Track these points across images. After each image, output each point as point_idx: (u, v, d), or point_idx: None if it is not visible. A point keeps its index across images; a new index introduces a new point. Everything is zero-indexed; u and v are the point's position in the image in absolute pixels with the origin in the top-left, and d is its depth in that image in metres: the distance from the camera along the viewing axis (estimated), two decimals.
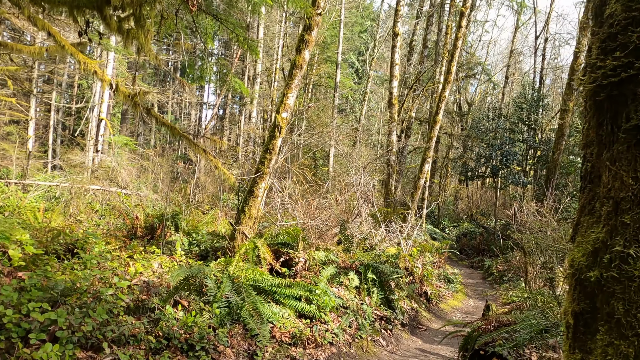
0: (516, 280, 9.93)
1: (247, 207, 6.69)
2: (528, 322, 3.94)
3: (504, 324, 4.42)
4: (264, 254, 6.34)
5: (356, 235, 8.14)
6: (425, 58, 20.01)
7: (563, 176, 13.66)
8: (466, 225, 16.92)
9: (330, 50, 27.50)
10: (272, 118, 21.53)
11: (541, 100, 14.97)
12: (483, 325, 4.61)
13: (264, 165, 6.74)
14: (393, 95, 14.45)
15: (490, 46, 31.05)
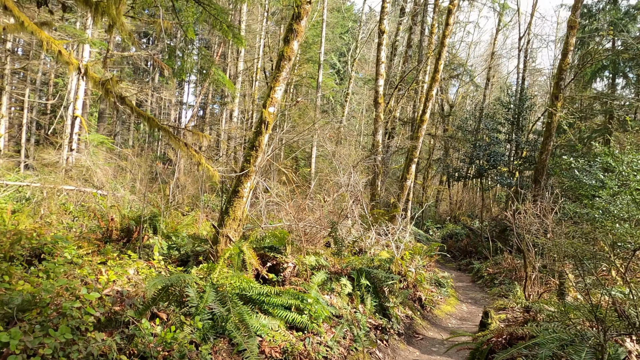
0: (508, 283, 9.72)
1: (231, 208, 6.23)
2: (550, 336, 3.60)
3: (518, 338, 4.08)
4: (249, 259, 5.90)
5: (347, 237, 7.76)
6: (409, 58, 19.85)
7: (550, 177, 13.60)
8: (451, 226, 16.76)
9: (313, 50, 27.19)
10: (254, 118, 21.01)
11: (527, 101, 14.92)
12: (493, 338, 4.27)
13: (250, 163, 6.30)
14: (379, 94, 14.17)
15: (472, 48, 31.20)
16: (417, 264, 7.80)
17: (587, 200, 9.88)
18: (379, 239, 8.34)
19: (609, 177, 8.87)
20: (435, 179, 30.63)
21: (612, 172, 9.19)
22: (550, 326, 3.88)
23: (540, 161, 13.05)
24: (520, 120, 14.90)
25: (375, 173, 13.38)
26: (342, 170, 8.97)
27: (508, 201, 16.72)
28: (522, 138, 15.03)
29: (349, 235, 8.34)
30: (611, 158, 9.05)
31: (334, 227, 6.72)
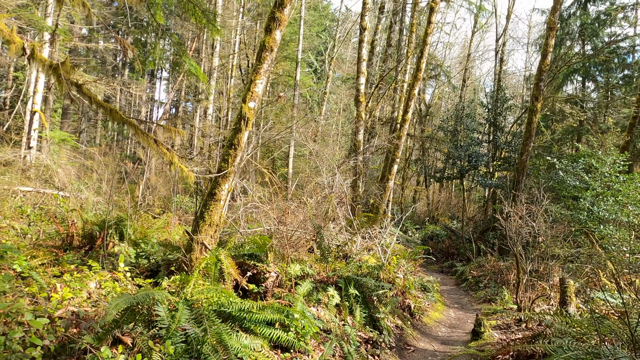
0: (493, 287, 9.49)
1: (207, 213, 5.66)
2: (567, 355, 3.24)
3: (527, 357, 3.72)
4: (228, 269, 5.36)
5: (332, 242, 7.31)
6: (388, 57, 19.60)
7: (529, 178, 13.54)
8: (431, 227, 16.57)
9: (290, 47, 26.71)
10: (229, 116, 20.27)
11: (506, 102, 14.87)
12: (499, 356, 3.89)
13: (228, 163, 5.75)
14: (360, 93, 13.79)
15: (449, 49, 31.37)
16: (404, 269, 7.42)
17: (570, 201, 9.78)
18: (365, 244, 7.92)
19: (593, 178, 8.76)
20: (413, 180, 30.66)
21: (594, 173, 9.10)
22: (564, 343, 3.53)
23: (520, 162, 12.96)
24: (499, 120, 14.83)
25: (356, 174, 12.99)
26: (325, 171, 8.51)
27: (488, 202, 16.67)
28: (502, 139, 14.96)
29: (333, 239, 7.89)
30: (594, 159, 8.95)
31: (319, 232, 6.25)
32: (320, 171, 8.57)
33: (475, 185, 17.34)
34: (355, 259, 7.02)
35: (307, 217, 7.17)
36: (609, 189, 8.59)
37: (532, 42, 30.20)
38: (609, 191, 8.49)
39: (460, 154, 14.33)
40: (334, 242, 7.56)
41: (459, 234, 14.56)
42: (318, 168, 9.20)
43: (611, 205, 8.23)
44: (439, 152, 21.48)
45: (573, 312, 4.94)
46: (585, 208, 8.35)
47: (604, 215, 8.18)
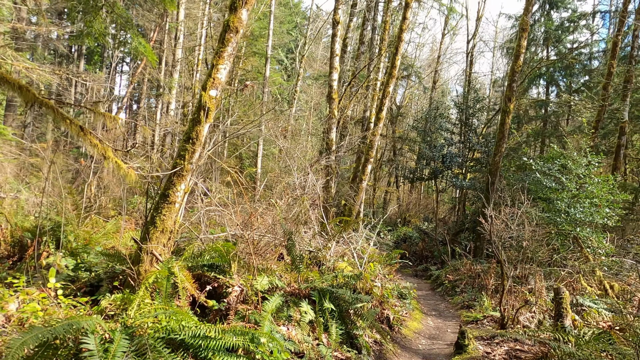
0: (470, 291, 9.09)
1: (158, 218, 4.87)
2: None
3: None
4: (182, 283, 4.60)
5: (304, 248, 6.64)
6: (361, 55, 19.14)
7: (502, 179, 13.34)
8: (404, 229, 16.19)
9: (259, 42, 25.90)
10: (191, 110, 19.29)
11: (478, 102, 14.67)
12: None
13: (184, 159, 4.98)
14: (333, 89, 13.20)
15: (420, 50, 31.38)
16: (381, 276, 6.85)
17: (545, 203, 9.53)
18: (340, 250, 7.30)
19: (570, 179, 8.51)
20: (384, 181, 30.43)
21: (569, 174, 8.86)
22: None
23: (493, 163, 12.73)
24: (472, 121, 14.62)
25: (328, 174, 12.39)
26: (296, 170, 7.83)
27: (460, 203, 16.47)
28: (474, 139, 14.75)
29: (305, 245, 7.23)
30: (569, 160, 8.71)
31: (290, 239, 5.56)
32: (291, 170, 7.88)
33: (448, 187, 17.11)
34: (329, 266, 6.38)
35: (276, 220, 6.48)
36: (584, 191, 8.37)
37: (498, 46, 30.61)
38: (584, 193, 8.26)
39: (434, 154, 13.99)
40: (306, 248, 6.90)
41: (432, 236, 14.22)
42: (288, 167, 8.50)
43: (587, 207, 8.00)
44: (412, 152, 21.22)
45: (569, 326, 4.50)
46: (562, 210, 8.08)
47: (580, 218, 7.93)
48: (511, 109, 12.58)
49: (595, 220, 7.88)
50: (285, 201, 6.96)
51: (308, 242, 7.10)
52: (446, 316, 8.04)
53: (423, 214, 22.07)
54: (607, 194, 8.17)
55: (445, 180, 15.74)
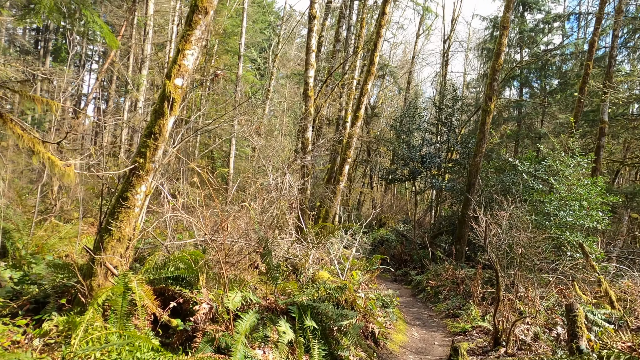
0: (454, 298, 8.73)
1: (115, 224, 4.22)
2: None
3: None
4: (142, 300, 3.97)
5: (281, 255, 6.08)
6: (336, 53, 18.72)
7: (483, 181, 13.13)
8: (382, 231, 15.81)
9: (232, 40, 25.16)
10: None
11: (457, 102, 14.46)
12: None
13: (145, 157, 4.34)
14: (309, 86, 12.68)
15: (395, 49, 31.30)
16: (364, 285, 6.36)
17: (530, 206, 9.30)
18: (320, 257, 6.77)
19: (559, 180, 8.27)
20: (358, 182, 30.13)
21: (558, 175, 8.64)
22: None
23: (474, 163, 12.49)
24: (451, 121, 14.39)
25: (304, 175, 11.85)
26: (271, 170, 7.25)
27: (439, 204, 16.25)
28: (452, 139, 14.51)
29: (282, 252, 6.66)
30: (558, 161, 8.49)
31: (266, 247, 4.99)
32: (266, 170, 7.28)
33: (426, 188, 16.85)
34: (309, 276, 5.84)
35: (250, 225, 5.89)
36: (573, 193, 8.15)
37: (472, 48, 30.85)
38: (572, 195, 8.04)
39: (412, 154, 13.66)
40: (284, 255, 6.33)
41: (410, 239, 13.88)
42: (262, 168, 7.88)
43: (578, 210, 7.78)
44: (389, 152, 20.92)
45: (586, 348, 4.12)
46: (552, 213, 7.83)
47: (570, 221, 7.70)
48: (492, 108, 12.38)
49: (585, 223, 7.66)
50: (260, 203, 6.38)
51: (286, 250, 6.54)
52: (431, 326, 7.63)
53: (399, 215, 21.81)
54: (596, 197, 7.98)
55: (424, 182, 15.45)
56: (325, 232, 6.23)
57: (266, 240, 5.00)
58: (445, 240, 13.72)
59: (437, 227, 13.96)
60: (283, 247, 6.69)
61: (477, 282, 8.07)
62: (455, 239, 12.51)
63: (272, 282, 4.93)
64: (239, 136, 18.61)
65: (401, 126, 14.59)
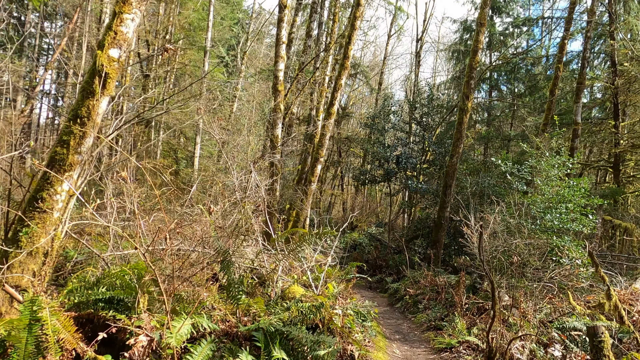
0: (435, 307, 8.09)
1: (25, 233, 3.25)
2: None
3: None
4: (57, 333, 3.02)
5: (245, 265, 5.21)
6: (308, 48, 17.97)
7: (458, 183, 12.65)
8: (354, 235, 15.12)
9: (198, 35, 24.02)
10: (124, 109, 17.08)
11: (432, 101, 13.99)
12: None
13: (69, 147, 3.40)
14: (279, 80, 11.84)
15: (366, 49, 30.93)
16: (341, 300, 5.59)
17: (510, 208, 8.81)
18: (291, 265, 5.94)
19: (544, 181, 7.79)
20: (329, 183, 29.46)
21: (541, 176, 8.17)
22: None
23: (450, 165, 11.99)
24: (427, 120, 13.89)
25: (273, 175, 10.99)
26: (235, 169, 6.35)
27: (414, 206, 15.72)
28: (428, 139, 14.00)
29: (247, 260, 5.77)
30: (543, 161, 8.02)
31: (226, 259, 4.11)
32: (230, 169, 6.36)
33: (401, 190, 16.31)
34: (277, 292, 5.00)
35: (207, 232, 4.99)
36: (557, 195, 7.70)
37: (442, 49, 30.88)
38: (557, 197, 7.58)
39: (388, 154, 13.04)
40: (249, 265, 5.46)
41: (385, 243, 13.24)
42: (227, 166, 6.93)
43: (565, 213, 7.31)
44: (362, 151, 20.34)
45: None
46: (538, 216, 7.33)
47: (557, 225, 7.22)
48: (469, 106, 11.94)
49: (572, 227, 7.19)
50: (222, 206, 5.48)
51: (251, 260, 5.66)
52: (412, 341, 6.93)
53: (371, 218, 21.26)
54: (580, 199, 7.55)
55: (398, 183, 14.88)
56: (296, 239, 5.42)
57: (226, 250, 4.13)
58: (420, 244, 13.17)
59: (412, 231, 13.40)
60: (249, 256, 5.81)
61: (461, 290, 7.45)
62: (431, 242, 11.97)
63: (233, 301, 4.06)
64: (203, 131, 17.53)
65: (375, 125, 13.96)
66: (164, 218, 4.26)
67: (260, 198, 5.95)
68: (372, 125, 14.07)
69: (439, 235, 11.72)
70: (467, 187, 12.96)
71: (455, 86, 25.05)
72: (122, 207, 5.53)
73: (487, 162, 14.07)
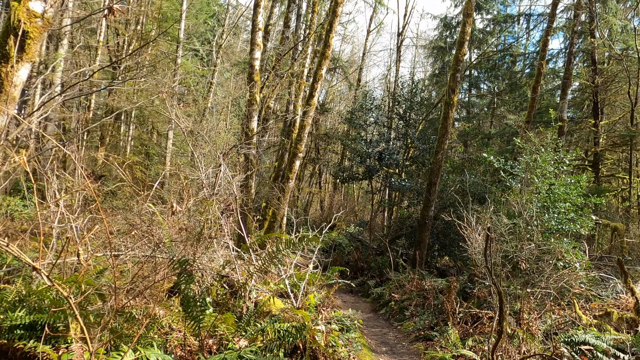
0: (423, 314, 7.49)
1: None
2: None
3: None
4: None
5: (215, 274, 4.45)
6: (286, 39, 17.20)
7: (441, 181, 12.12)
8: (333, 235, 14.44)
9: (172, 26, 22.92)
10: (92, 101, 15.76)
11: (416, 95, 13.44)
12: None
13: None
14: (255, 70, 11.02)
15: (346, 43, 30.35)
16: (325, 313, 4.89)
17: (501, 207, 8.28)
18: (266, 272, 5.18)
19: (541, 179, 7.28)
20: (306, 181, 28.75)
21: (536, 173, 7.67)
22: None
23: (435, 161, 11.46)
24: (410, 115, 13.33)
25: (248, 170, 10.19)
26: (203, 161, 5.53)
27: (392, 206, 15.16)
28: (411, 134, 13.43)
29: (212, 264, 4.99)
30: (540, 157, 7.51)
31: (184, 271, 3.33)
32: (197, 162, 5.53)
33: (383, 188, 15.72)
34: (251, 305, 4.25)
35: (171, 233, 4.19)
36: (552, 193, 7.21)
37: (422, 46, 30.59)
38: (554, 196, 7.09)
39: (370, 150, 12.40)
40: (218, 272, 4.69)
41: (366, 244, 12.61)
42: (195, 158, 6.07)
43: (564, 213, 6.83)
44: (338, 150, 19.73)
45: None
46: (535, 216, 6.81)
47: (555, 226, 6.73)
48: (455, 100, 11.43)
49: (571, 228, 6.70)
50: (186, 205, 4.67)
51: (221, 265, 4.89)
52: (401, 353, 6.29)
53: (350, 217, 20.64)
54: (577, 197, 7.08)
55: (380, 181, 14.29)
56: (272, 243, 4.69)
57: (185, 262, 3.33)
58: (402, 245, 12.61)
59: (395, 230, 12.81)
60: (218, 261, 5.04)
61: (452, 297, 6.87)
62: (415, 243, 11.41)
63: (194, 322, 3.29)
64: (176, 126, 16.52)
65: (356, 119, 13.30)
66: (108, 219, 3.44)
67: (232, 196, 5.18)
68: (352, 120, 13.40)
69: (423, 236, 11.17)
70: (449, 186, 12.47)
71: (435, 84, 24.73)
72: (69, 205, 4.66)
73: (471, 159, 13.62)
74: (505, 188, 7.78)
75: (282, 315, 4.14)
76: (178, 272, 3.49)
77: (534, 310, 5.28)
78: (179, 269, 3.21)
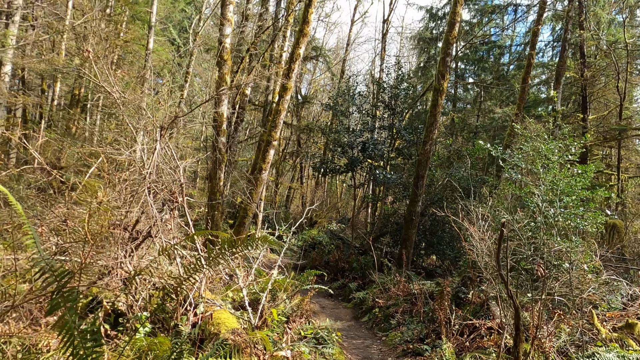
0: (411, 323, 6.54)
1: None
2: None
3: None
4: None
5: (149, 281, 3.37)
6: (264, 21, 16.08)
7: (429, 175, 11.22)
8: (314, 232, 13.42)
9: (141, 7, 21.48)
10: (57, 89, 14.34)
11: (402, 82, 12.49)
12: None
13: None
14: (225, 49, 9.91)
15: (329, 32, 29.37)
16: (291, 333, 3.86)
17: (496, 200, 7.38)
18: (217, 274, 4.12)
19: (546, 170, 6.40)
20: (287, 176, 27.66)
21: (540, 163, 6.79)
22: None
23: (423, 152, 10.53)
24: (396, 103, 12.36)
25: (216, 161, 9.10)
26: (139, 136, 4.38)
27: (376, 202, 14.23)
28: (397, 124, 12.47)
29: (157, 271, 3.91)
30: (544, 145, 6.63)
31: (62, 286, 2.25)
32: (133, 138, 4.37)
33: (367, 181, 14.76)
34: (195, 321, 3.19)
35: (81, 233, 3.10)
36: (556, 185, 6.35)
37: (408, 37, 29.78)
38: (560, 189, 6.23)
39: (352, 140, 11.39)
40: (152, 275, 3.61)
41: (348, 242, 11.63)
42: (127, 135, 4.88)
43: (572, 208, 5.97)
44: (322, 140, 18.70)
45: None
46: (539, 211, 5.93)
47: (563, 222, 5.86)
48: (445, 87, 10.53)
49: (579, 225, 5.85)
50: (104, 194, 3.55)
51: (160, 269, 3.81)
52: None
53: (331, 213, 19.67)
54: (581, 191, 6.23)
55: (364, 173, 13.32)
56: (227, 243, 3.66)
57: (66, 271, 2.21)
58: (387, 243, 11.67)
59: (379, 228, 11.87)
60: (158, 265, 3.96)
61: (445, 304, 5.92)
62: (401, 241, 10.48)
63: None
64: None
65: (338, 105, 12.27)
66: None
67: (176, 183, 4.10)
68: (334, 107, 12.38)
69: (410, 233, 10.25)
70: (437, 180, 11.60)
71: (420, 76, 23.95)
72: None
73: (459, 152, 12.76)
74: (495, 181, 6.87)
75: (232, 339, 3.10)
76: (53, 289, 2.38)
77: (545, 323, 4.38)
78: (54, 285, 2.12)
